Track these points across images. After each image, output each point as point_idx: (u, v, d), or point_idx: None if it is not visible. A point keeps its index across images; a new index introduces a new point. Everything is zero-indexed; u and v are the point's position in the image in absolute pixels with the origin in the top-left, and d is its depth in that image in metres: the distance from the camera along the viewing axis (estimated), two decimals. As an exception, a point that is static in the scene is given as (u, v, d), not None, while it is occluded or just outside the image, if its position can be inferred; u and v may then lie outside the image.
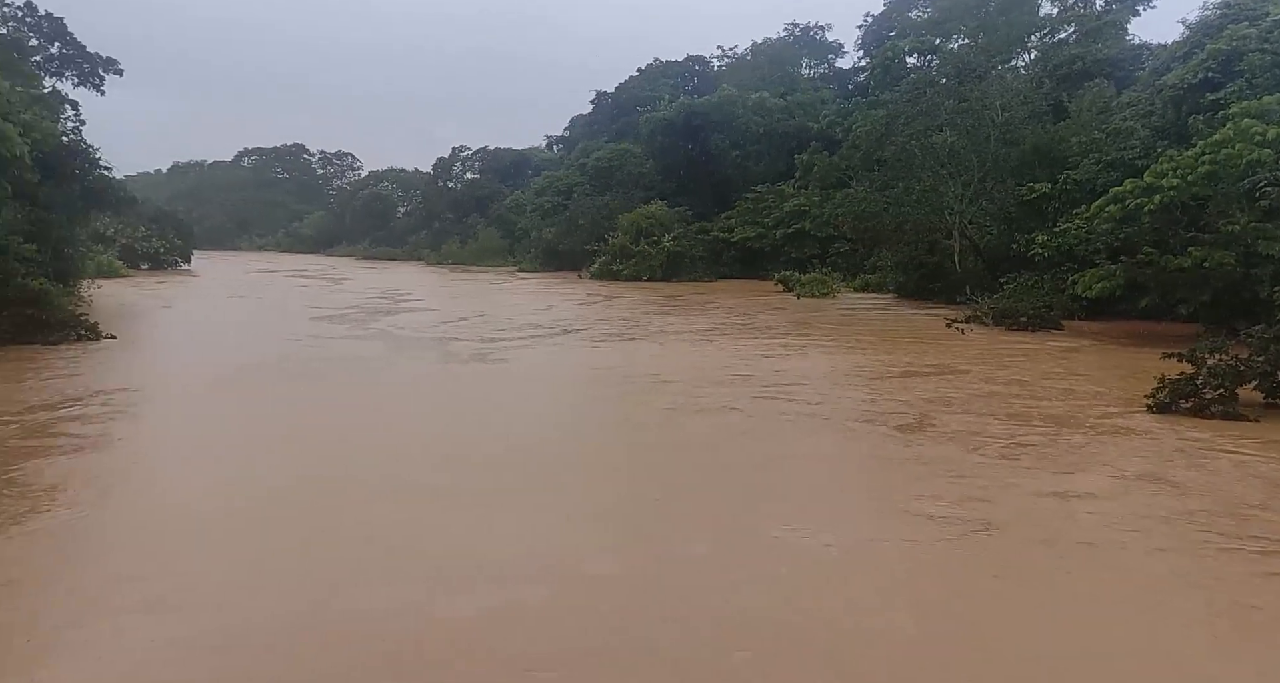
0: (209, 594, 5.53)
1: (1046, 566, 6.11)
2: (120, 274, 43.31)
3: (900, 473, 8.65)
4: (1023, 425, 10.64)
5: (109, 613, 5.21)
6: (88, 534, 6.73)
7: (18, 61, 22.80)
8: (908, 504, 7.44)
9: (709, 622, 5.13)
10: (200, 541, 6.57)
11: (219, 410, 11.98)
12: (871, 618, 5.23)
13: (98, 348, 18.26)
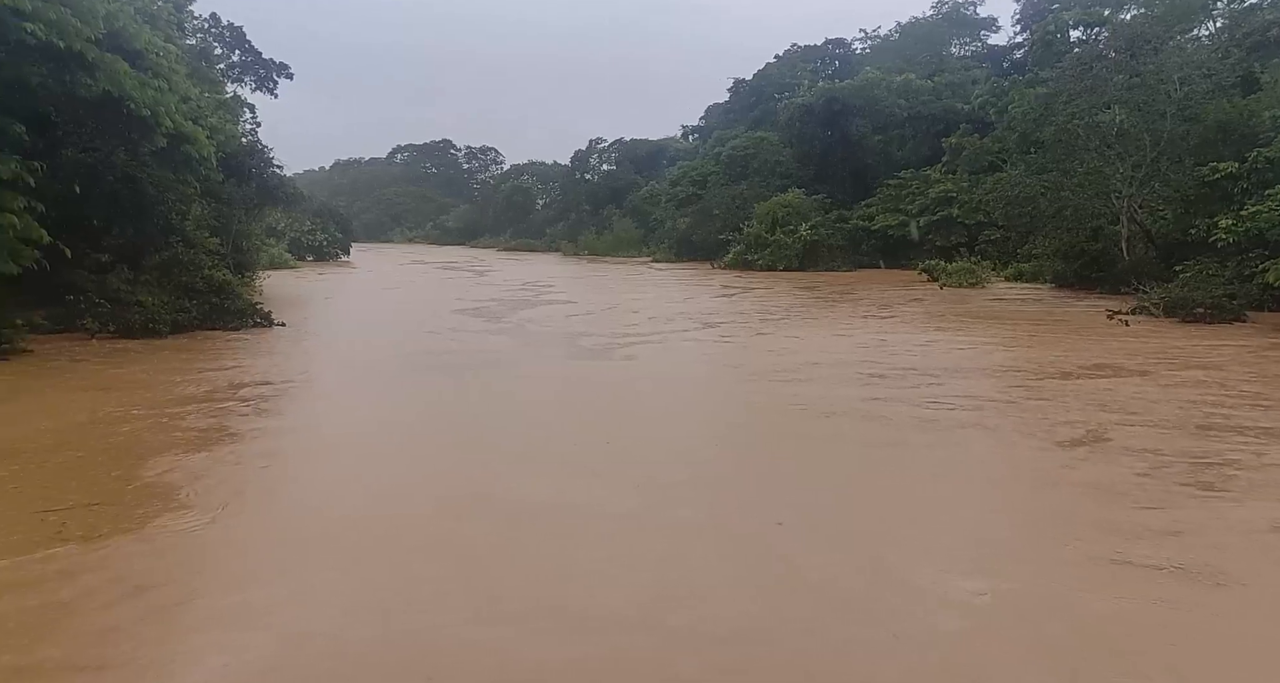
0: (306, 611, 5.03)
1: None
2: (288, 265, 46.95)
3: (1078, 500, 7.12)
4: (1220, 441, 9.01)
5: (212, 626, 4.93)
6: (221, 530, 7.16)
7: (205, 70, 25.12)
8: (1095, 544, 5.89)
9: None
10: (318, 550, 6.08)
11: (362, 407, 11.84)
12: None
13: (270, 335, 19.81)
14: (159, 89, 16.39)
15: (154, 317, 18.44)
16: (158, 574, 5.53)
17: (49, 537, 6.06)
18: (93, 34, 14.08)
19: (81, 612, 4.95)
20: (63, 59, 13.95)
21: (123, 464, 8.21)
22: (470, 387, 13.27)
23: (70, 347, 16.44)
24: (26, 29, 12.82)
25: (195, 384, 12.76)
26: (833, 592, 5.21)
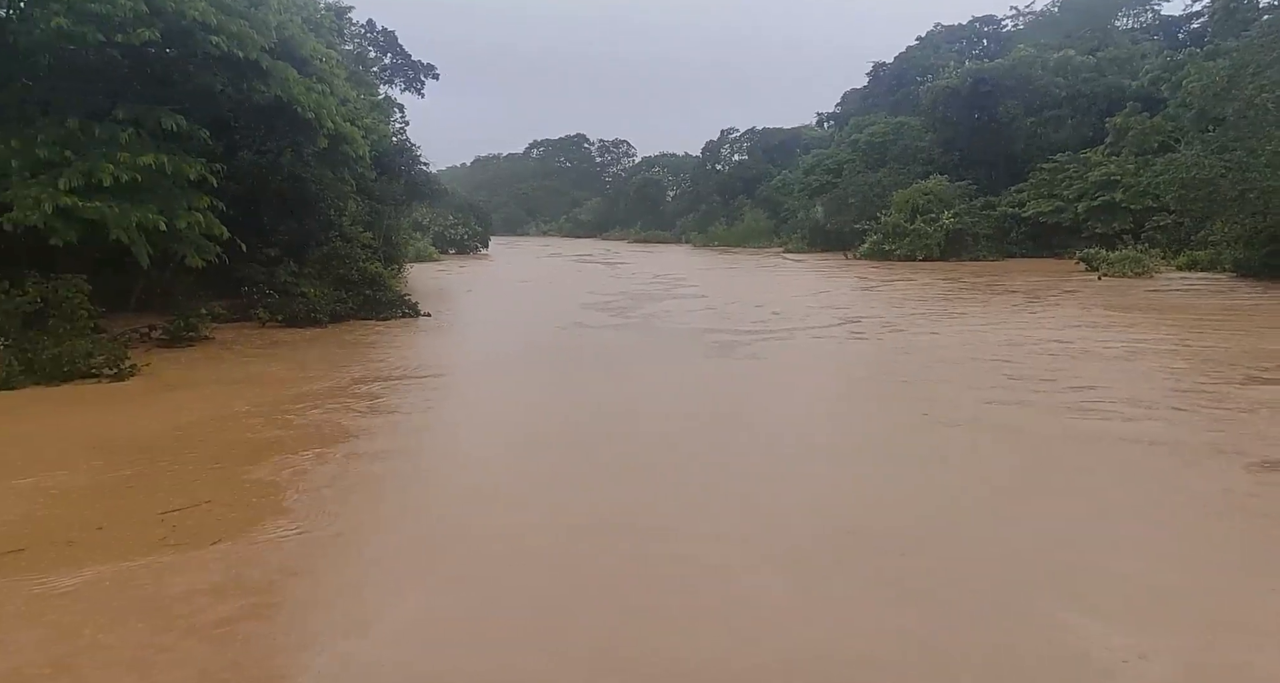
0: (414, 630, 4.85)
1: None
2: (432, 258, 49.23)
3: (1276, 538, 6.05)
4: None
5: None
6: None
7: (361, 73, 26.61)
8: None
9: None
10: (434, 563, 5.88)
11: (491, 409, 11.55)
12: None
13: (416, 325, 20.75)
14: (322, 93, 17.40)
15: (315, 307, 19.74)
16: (263, 580, 5.43)
17: (157, 541, 5.97)
18: (266, 43, 15.09)
19: (182, 620, 4.83)
20: (240, 68, 15.04)
21: (256, 460, 8.20)
22: (597, 389, 12.68)
23: (243, 334, 17.84)
24: (212, 41, 13.90)
25: (344, 375, 13.24)
26: (974, 654, 4.41)
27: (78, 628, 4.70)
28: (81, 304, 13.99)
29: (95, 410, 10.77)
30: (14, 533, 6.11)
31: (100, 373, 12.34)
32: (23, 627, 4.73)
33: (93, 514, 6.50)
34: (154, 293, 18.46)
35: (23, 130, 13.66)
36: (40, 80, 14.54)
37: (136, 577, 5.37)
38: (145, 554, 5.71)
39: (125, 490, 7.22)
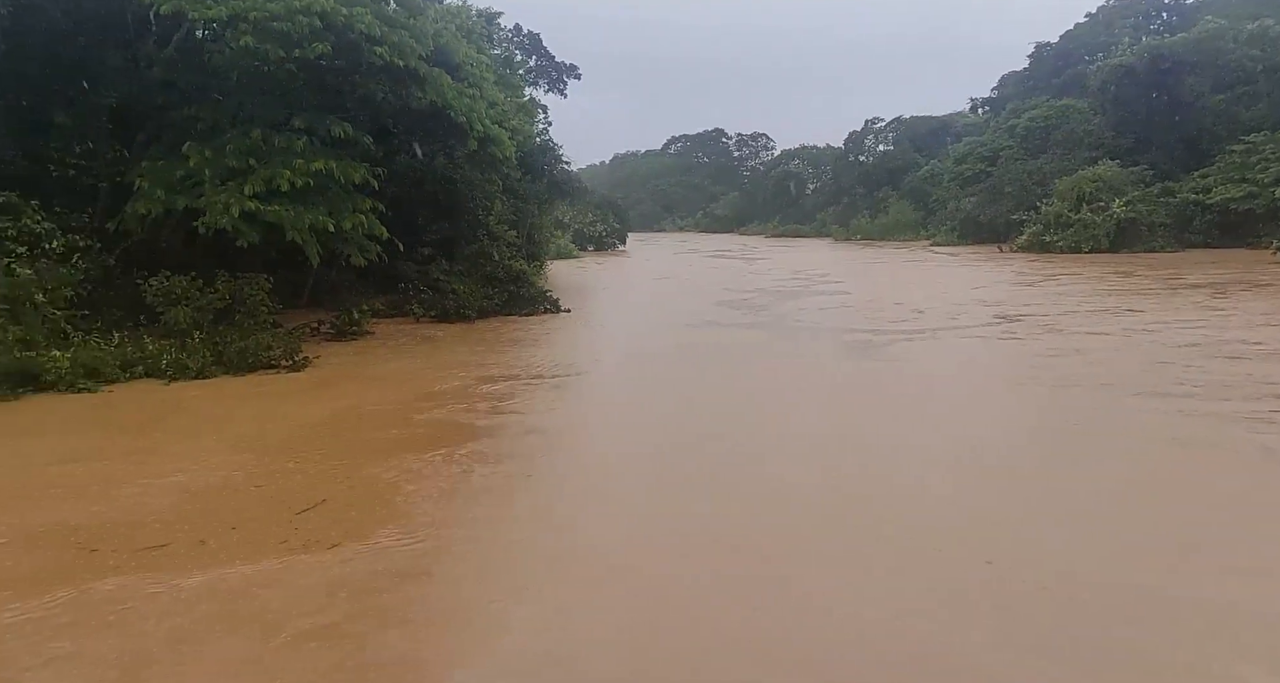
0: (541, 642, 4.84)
1: None
2: (572, 255, 50.45)
3: None
4: None
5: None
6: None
7: (508, 76, 27.53)
8: None
9: None
10: (562, 574, 5.79)
11: (624, 411, 11.50)
12: None
13: (557, 321, 21.26)
14: (472, 97, 18.12)
15: (464, 303, 20.65)
16: (374, 587, 5.42)
17: (279, 544, 6.09)
18: (424, 52, 15.87)
19: (289, 626, 4.89)
20: (400, 76, 15.90)
21: (387, 458, 8.30)
22: (726, 394, 12.07)
23: (399, 329, 18.89)
24: (376, 52, 14.77)
25: (485, 371, 13.59)
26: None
27: (193, 630, 4.84)
28: (262, 301, 15.26)
29: (255, 404, 11.37)
30: (161, 528, 6.44)
31: (279, 364, 13.41)
32: (145, 624, 4.93)
33: (230, 513, 6.77)
34: (322, 290, 19.91)
35: (214, 141, 15.02)
36: (229, 95, 15.94)
37: (256, 580, 5.50)
38: (269, 557, 5.86)
39: (263, 488, 7.47)
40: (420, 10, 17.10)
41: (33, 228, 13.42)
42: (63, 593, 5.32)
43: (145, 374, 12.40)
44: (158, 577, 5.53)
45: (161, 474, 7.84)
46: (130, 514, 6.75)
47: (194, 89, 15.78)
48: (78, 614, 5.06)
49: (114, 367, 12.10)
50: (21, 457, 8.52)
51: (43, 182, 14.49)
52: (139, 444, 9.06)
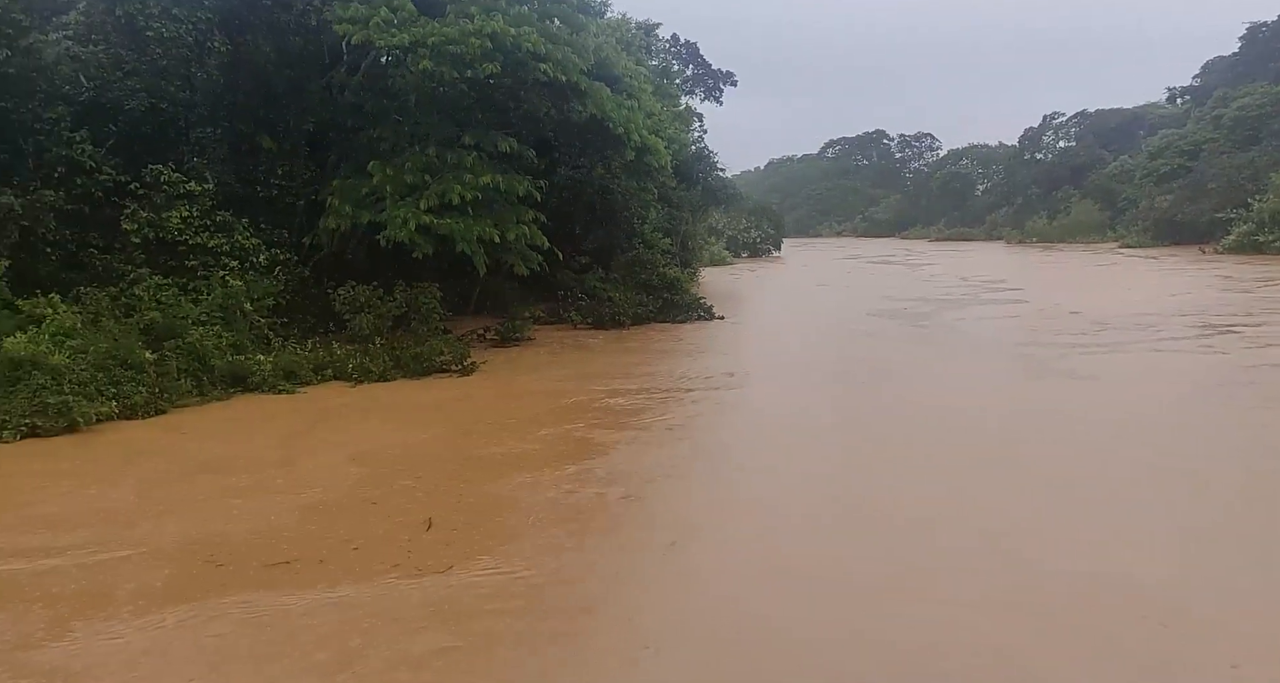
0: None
1: None
2: (725, 262, 50.25)
3: None
4: None
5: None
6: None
7: (665, 86, 27.88)
8: None
9: None
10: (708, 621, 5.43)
11: (775, 431, 10.85)
12: None
13: (711, 328, 21.18)
14: (630, 108, 18.45)
15: (620, 310, 21.04)
16: (475, 612, 5.30)
17: (393, 566, 6.03)
18: (585, 66, 16.34)
19: (391, 650, 4.85)
20: (562, 90, 16.45)
21: (515, 472, 8.23)
22: (881, 416, 11.15)
23: (557, 336, 19.51)
24: (541, 68, 15.38)
25: (634, 380, 13.61)
26: None
27: (305, 649, 4.91)
28: (435, 309, 16.24)
29: (394, 414, 11.52)
30: (285, 544, 6.54)
31: (450, 368, 14.20)
32: (262, 641, 5.03)
33: (350, 530, 6.82)
34: (487, 298, 20.92)
35: (395, 160, 16.16)
36: (408, 116, 17.11)
37: (367, 604, 5.50)
38: (382, 578, 5.87)
39: (380, 505, 7.47)
40: (582, 26, 17.62)
41: (242, 243, 14.96)
42: (181, 610, 5.43)
43: (334, 376, 13.47)
44: (275, 596, 5.61)
45: (292, 488, 7.97)
46: (258, 528, 6.88)
47: (378, 112, 17.06)
48: (189, 634, 5.14)
49: (308, 370, 13.24)
50: (174, 465, 8.88)
51: (251, 201, 16.14)
52: (276, 455, 9.20)
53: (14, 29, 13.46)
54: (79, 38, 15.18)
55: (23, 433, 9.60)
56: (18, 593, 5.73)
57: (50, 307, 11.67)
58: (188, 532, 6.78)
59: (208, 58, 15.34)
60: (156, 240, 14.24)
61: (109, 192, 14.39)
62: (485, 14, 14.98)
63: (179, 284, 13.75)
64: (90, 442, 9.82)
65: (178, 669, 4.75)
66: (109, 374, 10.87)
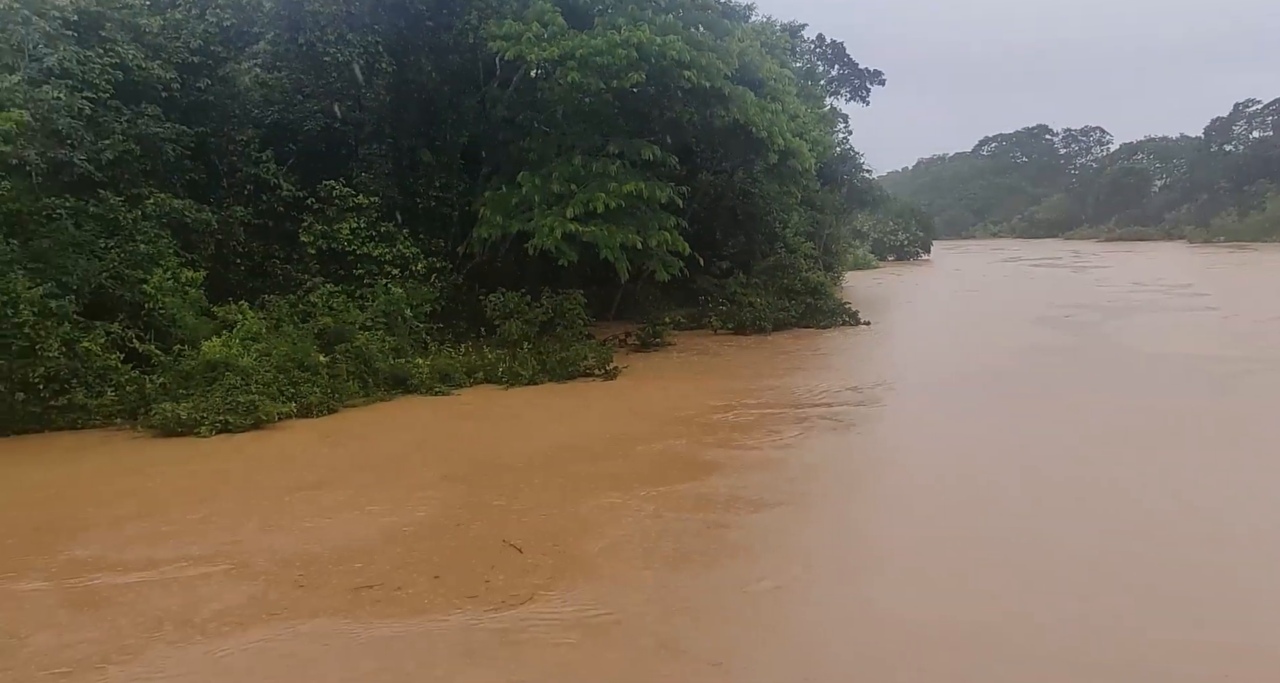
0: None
1: None
2: (871, 265, 48.60)
3: None
4: None
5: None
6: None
7: (809, 87, 27.34)
8: None
9: None
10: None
11: (915, 450, 10.19)
12: None
13: (854, 335, 20.47)
14: (774, 112, 18.19)
15: (761, 315, 20.76)
16: (569, 648, 5.03)
17: (469, 597, 5.81)
18: (729, 72, 16.26)
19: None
20: (705, 96, 16.45)
21: (606, 494, 7.92)
22: (1037, 445, 9.91)
23: (697, 341, 19.45)
24: (685, 76, 15.45)
25: (768, 391, 13.21)
26: None
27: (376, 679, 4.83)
28: (579, 314, 16.62)
29: (497, 425, 11.46)
30: (373, 567, 6.40)
31: (594, 373, 14.48)
32: (328, 672, 4.98)
33: (433, 554, 6.68)
34: (628, 303, 21.21)
35: (542, 170, 16.69)
36: (555, 127, 17.64)
37: (440, 637, 5.36)
38: (459, 608, 5.69)
39: (465, 527, 7.29)
40: (727, 32, 17.57)
41: (403, 253, 15.90)
42: (255, 634, 5.42)
43: (485, 379, 14.04)
44: (350, 624, 5.52)
45: (389, 505, 7.86)
46: (349, 547, 6.80)
47: (528, 124, 17.71)
48: (258, 660, 5.11)
49: (461, 373, 13.88)
50: (273, 478, 8.92)
51: (411, 213, 17.14)
52: (368, 476, 8.96)
53: (214, 61, 14.96)
54: (266, 65, 16.66)
55: (217, 428, 10.57)
56: (110, 607, 5.83)
57: (240, 313, 12.82)
58: (282, 549, 6.83)
59: (376, 79, 16.42)
60: (328, 251, 15.38)
61: (289, 206, 15.69)
62: (632, 24, 15.22)
63: (347, 291, 14.77)
64: (259, 441, 10.58)
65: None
66: (288, 375, 11.81)
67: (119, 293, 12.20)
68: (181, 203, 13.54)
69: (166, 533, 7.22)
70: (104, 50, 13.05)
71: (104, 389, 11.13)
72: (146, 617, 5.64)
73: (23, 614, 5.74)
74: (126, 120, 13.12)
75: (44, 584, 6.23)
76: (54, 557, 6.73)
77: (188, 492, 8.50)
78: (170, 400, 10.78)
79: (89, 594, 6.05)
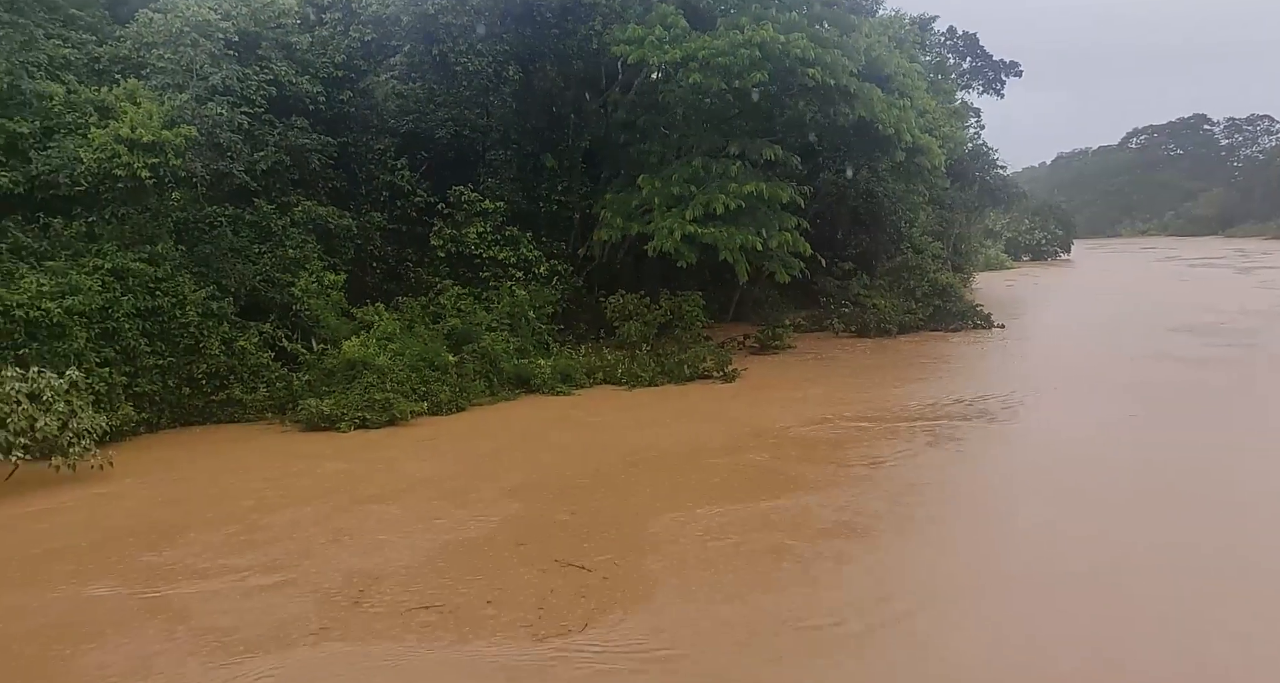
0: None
1: None
2: (1004, 266, 46.14)
3: None
4: None
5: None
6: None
7: (939, 81, 26.21)
8: None
9: None
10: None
11: (1045, 461, 9.47)
12: None
13: (986, 339, 19.46)
14: (902, 108, 17.52)
15: (885, 318, 20.07)
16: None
17: (521, 625, 5.55)
18: (855, 68, 15.78)
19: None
20: (829, 94, 16.02)
21: (680, 510, 7.54)
22: (1186, 476, 8.84)
23: (817, 344, 18.99)
24: (809, 74, 15.10)
25: (889, 398, 12.56)
26: None
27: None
28: (697, 316, 16.57)
29: (573, 432, 11.18)
30: (433, 587, 6.25)
31: (712, 375, 14.39)
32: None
33: (492, 574, 6.45)
34: (746, 305, 20.96)
35: (662, 172, 16.72)
36: (675, 128, 17.64)
37: (488, 663, 5.21)
38: (511, 636, 5.48)
39: (528, 546, 7.00)
40: (853, 27, 17.06)
41: (526, 256, 16.31)
42: (304, 654, 5.36)
43: (604, 380, 14.21)
44: (401, 648, 5.43)
45: (454, 521, 7.69)
46: (412, 564, 6.66)
47: (648, 127, 17.79)
48: (305, 680, 5.06)
49: (581, 374, 14.09)
50: (342, 490, 8.78)
51: (534, 216, 17.56)
52: (449, 485, 8.84)
53: (355, 74, 15.82)
54: (402, 76, 17.47)
55: (356, 424, 11.16)
56: (163, 618, 5.85)
57: (376, 314, 13.49)
58: (348, 564, 6.74)
59: (503, 86, 16.91)
60: (457, 254, 15.96)
61: (420, 211, 16.40)
62: (755, 24, 15.01)
63: (474, 293, 15.28)
64: (389, 437, 11.04)
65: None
66: (420, 374, 12.34)
67: (270, 295, 13.09)
68: (325, 209, 14.40)
69: (251, 541, 7.28)
70: (260, 67, 14.03)
71: (257, 385, 11.96)
72: (194, 631, 5.60)
73: (78, 622, 5.79)
74: (278, 133, 14.05)
75: (112, 591, 6.29)
76: (137, 561, 6.82)
77: (292, 493, 8.66)
78: (314, 397, 11.46)
79: (146, 604, 6.07)
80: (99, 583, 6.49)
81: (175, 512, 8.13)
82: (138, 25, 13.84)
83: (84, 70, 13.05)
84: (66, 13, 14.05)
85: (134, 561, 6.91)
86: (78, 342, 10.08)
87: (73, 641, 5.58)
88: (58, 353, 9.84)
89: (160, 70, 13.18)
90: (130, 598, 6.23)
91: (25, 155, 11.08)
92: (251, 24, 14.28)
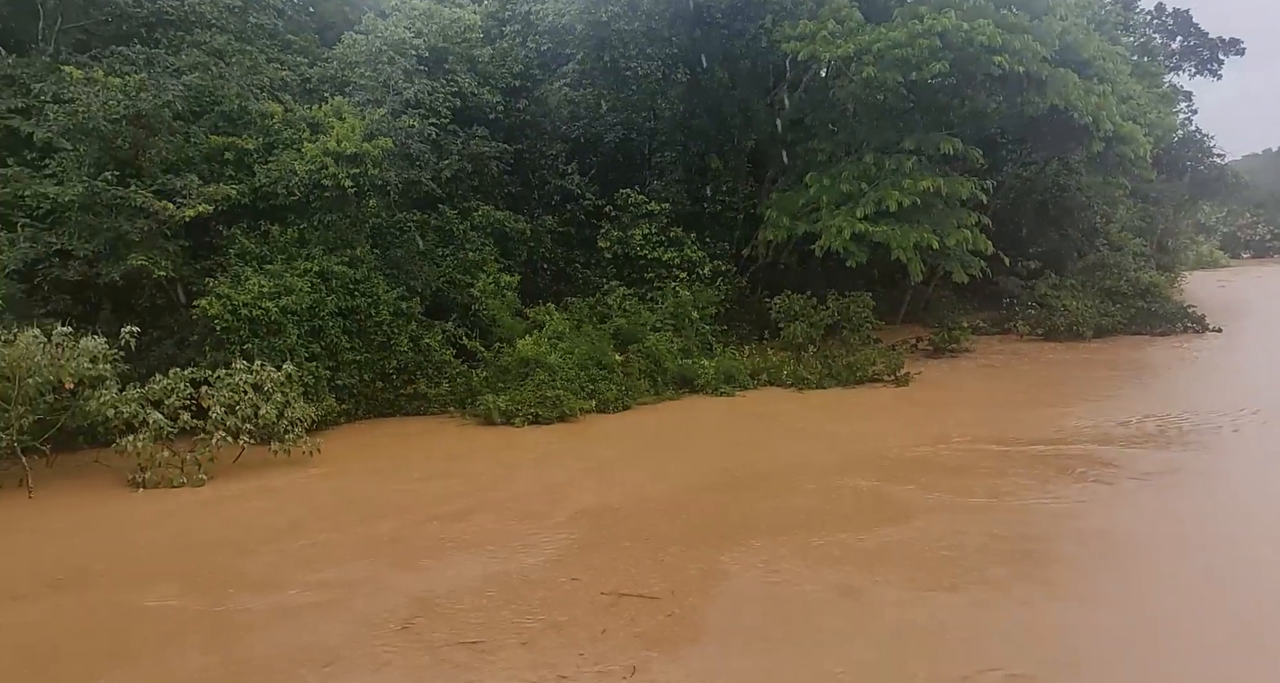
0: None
1: None
2: (1219, 264, 41.45)
3: None
4: None
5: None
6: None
7: (1145, 64, 23.78)
8: None
9: None
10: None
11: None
12: None
13: (1199, 345, 17.47)
14: (1101, 94, 16.04)
15: (1077, 320, 18.46)
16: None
17: (567, 665, 5.04)
18: (1047, 54, 14.60)
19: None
20: (1016, 83, 14.92)
21: (765, 540, 6.79)
22: None
23: (998, 348, 17.75)
24: (994, 61, 14.13)
25: (1068, 413, 11.09)
26: None
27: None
28: (866, 318, 15.94)
29: (658, 452, 10.39)
30: (483, 616, 5.81)
31: (882, 378, 13.81)
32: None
33: (540, 610, 5.87)
34: (918, 306, 19.94)
35: (830, 170, 16.22)
36: (844, 125, 17.07)
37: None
38: (555, 677, 4.97)
39: (582, 581, 6.35)
40: (1046, 9, 15.83)
41: (690, 256, 16.35)
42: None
43: (769, 382, 13.97)
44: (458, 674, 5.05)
45: (518, 545, 7.14)
46: (469, 590, 6.23)
47: (816, 124, 17.33)
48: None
49: (744, 375, 13.94)
50: (414, 503, 8.46)
51: (697, 217, 17.58)
52: (531, 505, 8.26)
53: (532, 83, 16.49)
54: (574, 84, 18.04)
55: (529, 420, 11.61)
56: (215, 635, 5.66)
57: (547, 314, 13.99)
58: (408, 586, 6.37)
59: (670, 89, 17.05)
60: (622, 255, 16.26)
61: (589, 214, 16.84)
62: (936, 12, 14.24)
63: (639, 294, 15.50)
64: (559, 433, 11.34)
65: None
66: (588, 373, 12.65)
67: (451, 295, 13.89)
68: (502, 214, 15.10)
69: (334, 554, 7.09)
70: (446, 80, 14.92)
71: (440, 380, 12.71)
72: (238, 651, 5.41)
73: (132, 635, 5.70)
74: (461, 142, 14.88)
75: (182, 602, 6.18)
76: (222, 572, 6.68)
77: (410, 500, 8.54)
78: (491, 393, 12.03)
79: (201, 618, 5.92)
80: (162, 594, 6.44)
81: (288, 518, 8.11)
82: (342, 46, 15.10)
83: (298, 90, 14.40)
84: (284, 38, 15.55)
85: (225, 570, 6.81)
86: (291, 338, 11.12)
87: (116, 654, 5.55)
88: (274, 348, 10.90)
89: (361, 87, 14.32)
90: (179, 613, 6.11)
91: (250, 169, 12.37)
92: (440, 40, 15.21)
